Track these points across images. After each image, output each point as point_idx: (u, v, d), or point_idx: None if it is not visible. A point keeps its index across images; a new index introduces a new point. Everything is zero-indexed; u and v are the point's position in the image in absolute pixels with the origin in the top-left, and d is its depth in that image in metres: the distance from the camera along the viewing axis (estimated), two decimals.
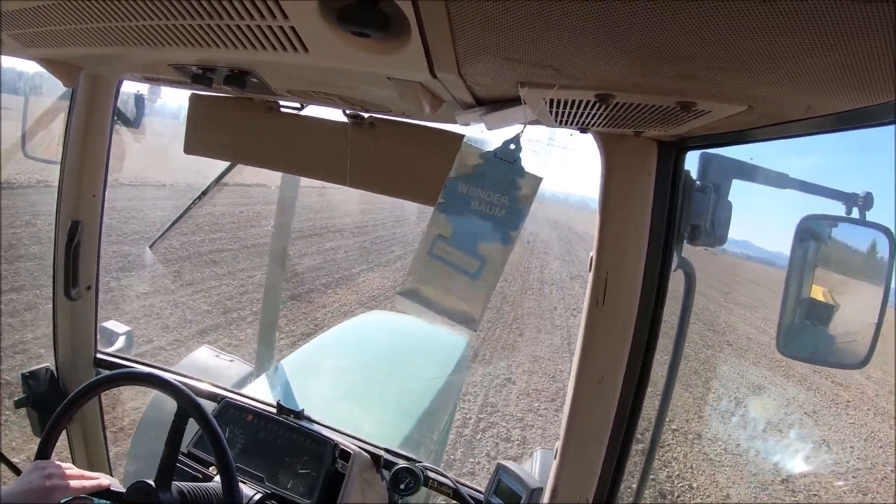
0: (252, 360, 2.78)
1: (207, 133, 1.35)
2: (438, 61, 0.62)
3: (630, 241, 0.97)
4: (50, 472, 1.07)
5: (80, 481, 1.09)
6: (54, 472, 1.08)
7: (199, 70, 0.91)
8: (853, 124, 0.67)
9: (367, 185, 1.25)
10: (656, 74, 0.57)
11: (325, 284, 8.43)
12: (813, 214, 0.99)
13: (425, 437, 2.21)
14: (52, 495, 1.04)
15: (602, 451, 1.05)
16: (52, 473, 1.07)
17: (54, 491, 1.04)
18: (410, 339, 3.07)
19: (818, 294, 0.99)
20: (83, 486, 1.09)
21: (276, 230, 3.04)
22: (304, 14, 0.53)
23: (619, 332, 0.99)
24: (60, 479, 1.07)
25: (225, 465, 1.11)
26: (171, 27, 0.65)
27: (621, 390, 1.02)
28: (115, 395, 3.48)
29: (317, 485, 1.39)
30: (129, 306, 5.73)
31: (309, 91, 1.00)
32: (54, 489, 1.05)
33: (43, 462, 1.10)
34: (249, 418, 1.52)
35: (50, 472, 1.07)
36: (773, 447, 6.02)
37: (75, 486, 1.08)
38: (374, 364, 2.62)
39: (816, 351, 1.07)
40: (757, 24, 0.42)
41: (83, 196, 1.51)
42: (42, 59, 1.13)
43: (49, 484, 1.05)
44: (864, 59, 0.45)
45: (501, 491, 1.30)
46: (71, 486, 1.07)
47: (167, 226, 2.26)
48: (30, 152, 1.72)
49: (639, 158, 0.94)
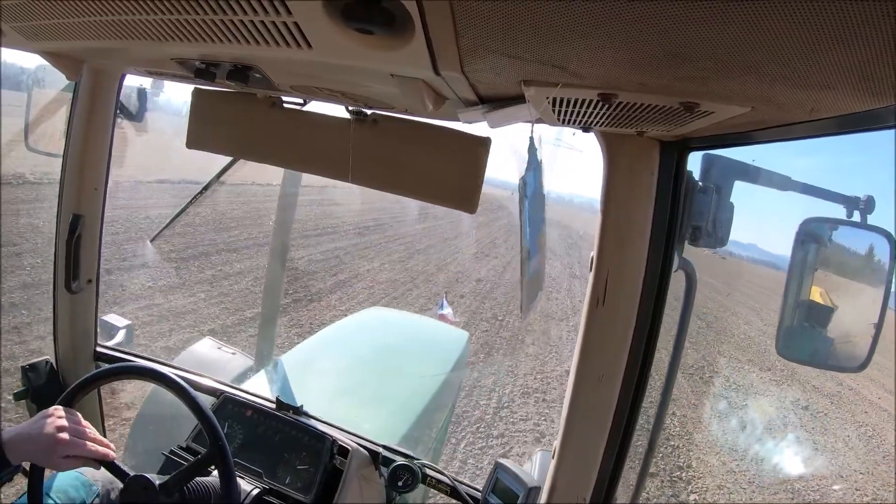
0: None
1: (210, 128, 1.35)
2: (442, 59, 0.62)
3: (631, 241, 0.97)
4: (63, 425, 1.01)
5: (90, 444, 1.04)
6: (70, 426, 1.02)
7: (202, 65, 0.91)
8: (857, 127, 0.67)
9: (369, 182, 1.25)
10: (660, 75, 0.57)
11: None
12: (814, 217, 0.99)
13: (424, 434, 2.22)
14: (57, 447, 0.99)
15: (600, 451, 1.05)
16: (64, 426, 1.01)
17: (64, 443, 0.99)
18: (410, 336, 3.07)
19: (817, 296, 0.99)
20: (93, 450, 1.04)
21: (276, 226, 3.03)
22: (309, 10, 0.53)
23: (619, 332, 1.00)
24: (74, 434, 1.01)
25: (223, 460, 1.11)
26: (175, 21, 0.65)
27: (620, 390, 1.02)
28: (113, 388, 3.48)
29: (315, 480, 1.39)
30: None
31: (312, 87, 1.00)
32: (65, 442, 0.99)
33: (63, 409, 1.04)
34: (248, 413, 1.52)
35: (63, 423, 1.01)
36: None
37: (84, 445, 1.03)
38: (373, 361, 2.62)
39: (815, 354, 1.07)
40: (762, 26, 0.42)
41: (85, 189, 1.51)
42: (45, 52, 1.13)
43: (59, 436, 0.99)
44: (868, 62, 0.45)
45: (499, 489, 1.30)
46: (81, 444, 1.02)
47: (169, 220, 2.27)
48: (32, 145, 1.72)
49: (641, 158, 0.94)
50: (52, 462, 1.01)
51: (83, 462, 1.05)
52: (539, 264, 0.98)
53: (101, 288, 1.65)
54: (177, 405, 1.19)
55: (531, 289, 0.96)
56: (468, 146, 1.06)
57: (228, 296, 6.83)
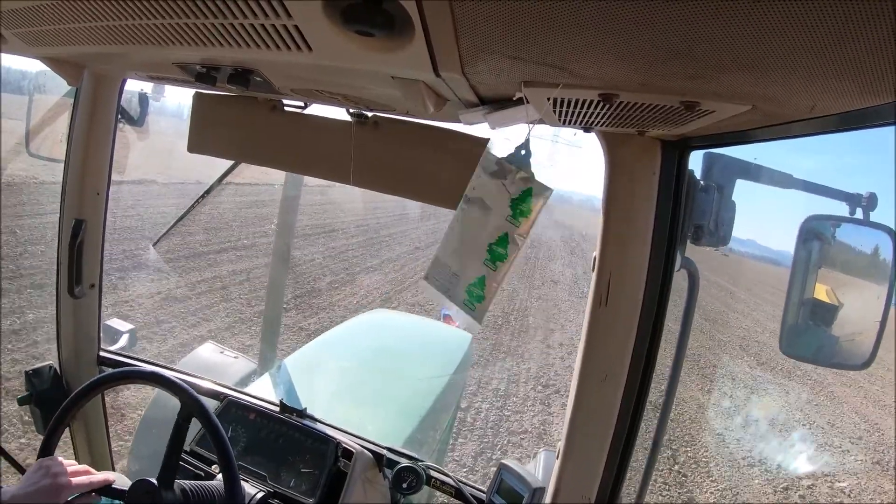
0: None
1: (211, 132, 1.35)
2: (442, 60, 0.62)
3: (633, 240, 0.96)
4: (55, 471, 1.06)
5: (85, 478, 1.08)
6: (59, 471, 1.07)
7: (202, 69, 0.91)
8: (858, 124, 0.66)
9: (370, 184, 1.25)
10: (661, 74, 0.57)
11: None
12: (816, 215, 0.98)
13: (428, 436, 2.21)
14: (58, 494, 1.03)
15: (605, 452, 1.05)
16: (57, 472, 1.06)
17: (60, 489, 1.04)
18: (413, 337, 3.07)
19: (822, 294, 0.99)
20: (89, 482, 1.08)
21: (279, 228, 3.04)
22: (309, 13, 0.53)
23: (622, 331, 0.99)
24: (66, 477, 1.06)
25: (227, 464, 1.11)
26: (175, 26, 0.65)
27: (624, 390, 1.01)
28: (117, 392, 3.49)
29: (319, 483, 1.39)
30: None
31: (312, 90, 1.00)
32: (60, 488, 1.04)
33: (47, 460, 1.09)
34: (252, 417, 1.52)
35: (55, 470, 1.06)
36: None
37: (80, 483, 1.07)
38: (376, 363, 2.62)
39: (819, 351, 1.06)
40: (762, 23, 0.42)
41: (87, 194, 1.51)
42: (46, 58, 1.14)
43: (55, 483, 1.04)
44: (869, 59, 0.45)
45: (504, 490, 1.30)
46: (76, 484, 1.06)
47: (171, 223, 2.27)
48: (34, 151, 1.72)
49: (642, 158, 0.94)
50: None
51: (87, 498, 1.09)
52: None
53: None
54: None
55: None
56: (469, 147, 1.06)
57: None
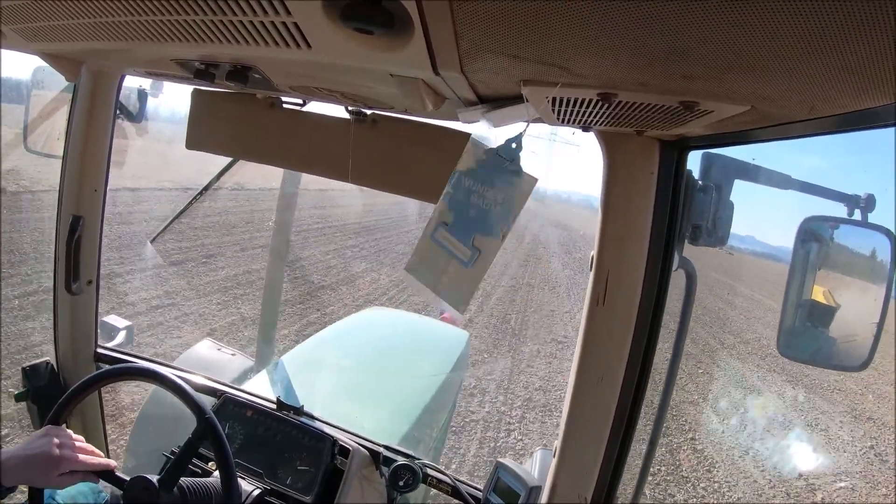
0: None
1: (209, 129, 1.35)
2: (441, 59, 0.62)
3: (631, 240, 0.97)
4: (61, 441, 1.03)
5: (88, 457, 1.06)
6: (65, 442, 1.04)
7: (201, 65, 0.91)
8: (857, 126, 0.66)
9: (368, 182, 1.25)
10: (660, 74, 0.57)
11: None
12: (815, 216, 0.99)
13: (424, 434, 2.22)
14: (57, 465, 1.01)
15: (601, 450, 1.05)
16: (62, 443, 1.03)
17: (61, 461, 1.01)
18: (410, 335, 3.07)
19: (819, 295, 0.99)
20: (90, 462, 1.06)
21: (276, 227, 3.03)
22: (308, 10, 0.53)
23: (620, 331, 0.99)
24: (69, 451, 1.04)
25: (224, 461, 1.11)
26: (174, 22, 0.65)
27: (621, 389, 1.02)
28: (114, 389, 3.48)
29: (316, 481, 1.39)
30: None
31: (311, 87, 1.00)
32: (61, 459, 1.01)
33: (55, 429, 1.07)
34: (249, 414, 1.52)
35: (61, 440, 1.04)
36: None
37: (82, 461, 1.05)
38: (374, 361, 2.62)
39: (817, 353, 1.07)
40: (761, 24, 0.42)
41: (85, 191, 1.51)
42: (44, 54, 1.13)
43: (57, 453, 1.01)
44: (868, 61, 0.45)
45: (500, 489, 1.30)
46: (78, 460, 1.04)
47: (168, 221, 2.27)
48: (32, 146, 1.72)
49: (641, 158, 0.94)
50: (50, 481, 1.03)
51: (82, 477, 1.06)
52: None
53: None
54: (178, 406, 1.19)
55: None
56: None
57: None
